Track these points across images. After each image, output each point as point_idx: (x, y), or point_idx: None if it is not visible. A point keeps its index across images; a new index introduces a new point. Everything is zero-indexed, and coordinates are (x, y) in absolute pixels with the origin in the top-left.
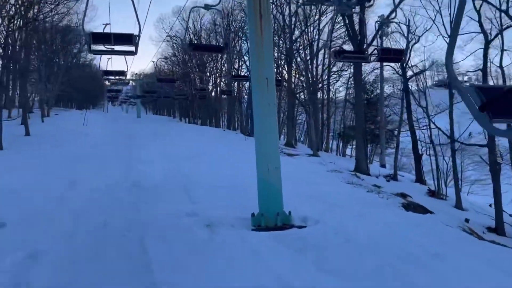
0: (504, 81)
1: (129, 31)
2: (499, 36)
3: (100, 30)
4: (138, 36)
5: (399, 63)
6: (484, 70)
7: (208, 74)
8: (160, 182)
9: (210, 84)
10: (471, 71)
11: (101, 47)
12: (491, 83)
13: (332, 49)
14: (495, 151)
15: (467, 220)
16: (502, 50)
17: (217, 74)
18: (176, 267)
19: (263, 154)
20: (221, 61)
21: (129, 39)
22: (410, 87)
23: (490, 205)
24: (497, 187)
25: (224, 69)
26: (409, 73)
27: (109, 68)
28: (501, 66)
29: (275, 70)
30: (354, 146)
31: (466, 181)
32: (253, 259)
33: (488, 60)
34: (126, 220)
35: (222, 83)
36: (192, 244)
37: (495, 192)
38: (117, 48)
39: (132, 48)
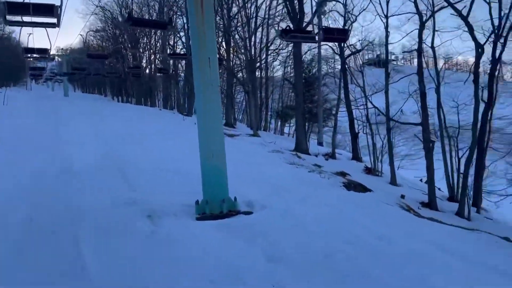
0: (435, 62)
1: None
2: (432, 17)
3: None
4: (60, 6)
5: (337, 43)
6: (419, 50)
7: (141, 50)
8: (93, 167)
9: (144, 61)
10: (407, 51)
11: (19, 18)
12: (425, 63)
13: (280, 28)
14: (429, 129)
15: (403, 196)
16: (434, 31)
17: (152, 51)
18: (115, 266)
19: (207, 138)
20: (155, 37)
21: (50, 10)
22: (347, 66)
23: (421, 180)
24: (430, 164)
25: (158, 45)
26: (347, 52)
27: (31, 44)
28: (432, 47)
29: None
30: (293, 125)
31: (397, 156)
32: (201, 253)
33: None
34: (55, 213)
35: (157, 60)
36: (132, 239)
37: (428, 168)
38: (36, 20)
39: (54, 20)
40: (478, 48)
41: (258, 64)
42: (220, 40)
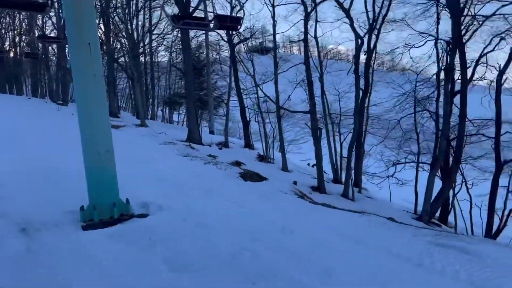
0: (318, 51)
1: None
2: (315, 9)
3: None
4: None
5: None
6: (305, 40)
7: (3, 31)
8: None
9: (7, 44)
10: (294, 41)
11: None
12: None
13: (172, 14)
14: (316, 117)
15: (295, 183)
16: (316, 22)
17: (16, 32)
18: None
19: (91, 135)
20: (19, 16)
21: None
22: (237, 53)
23: (308, 164)
24: (319, 150)
25: (24, 25)
26: (235, 40)
27: None
28: (315, 37)
29: None
30: (182, 113)
31: (284, 141)
32: (89, 270)
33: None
34: None
35: (23, 42)
36: (3, 261)
37: (317, 155)
38: None
39: None
40: (358, 39)
41: (141, 49)
42: (97, 22)
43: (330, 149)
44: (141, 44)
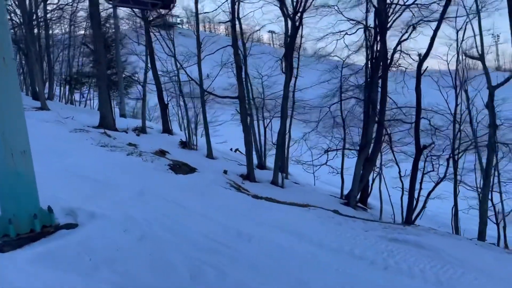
0: (242, 34)
1: None
2: None
3: None
4: None
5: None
6: (233, 22)
7: None
8: None
9: None
10: (223, 22)
11: None
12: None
13: None
14: (245, 103)
15: (225, 172)
16: (239, 2)
17: None
18: None
19: (2, 133)
20: None
21: None
22: (151, 31)
23: (231, 149)
24: (248, 137)
25: None
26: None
27: None
28: (238, 18)
29: None
30: (84, 92)
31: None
32: None
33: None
34: None
35: None
36: None
37: (246, 142)
38: None
39: None
40: (288, 20)
41: (35, 21)
42: None
43: (254, 134)
44: (36, 15)
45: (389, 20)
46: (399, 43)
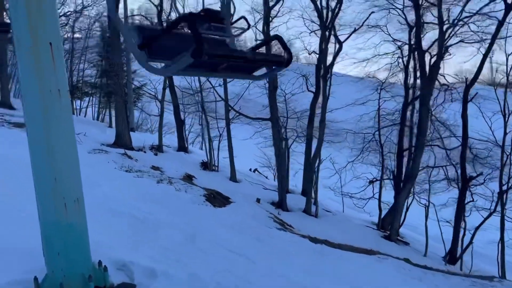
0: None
1: None
2: None
3: None
4: None
5: None
6: (267, 39)
7: None
8: None
9: None
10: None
11: None
12: None
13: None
14: (279, 125)
15: (258, 200)
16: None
17: None
18: None
19: (51, 177)
20: None
21: None
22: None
23: (250, 169)
24: (282, 164)
25: None
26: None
27: None
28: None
29: None
30: (84, 101)
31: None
32: None
33: None
34: None
35: None
36: None
37: (279, 168)
38: None
39: None
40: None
41: None
42: None
43: (276, 155)
44: None
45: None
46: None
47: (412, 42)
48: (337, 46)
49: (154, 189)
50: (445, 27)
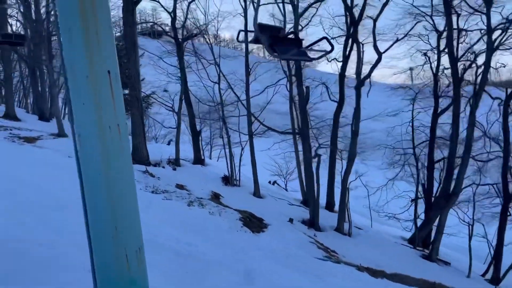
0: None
1: None
2: None
3: None
4: None
5: None
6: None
7: None
8: None
9: None
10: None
11: None
12: None
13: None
14: (309, 141)
15: (291, 220)
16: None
17: None
18: None
19: (112, 226)
20: None
21: None
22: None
23: (270, 182)
24: (312, 180)
25: None
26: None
27: None
28: None
29: None
30: None
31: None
32: None
33: None
34: None
35: None
36: None
37: (309, 185)
38: None
39: None
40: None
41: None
42: None
43: (298, 167)
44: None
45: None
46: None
47: (441, 49)
48: (363, 54)
49: (187, 214)
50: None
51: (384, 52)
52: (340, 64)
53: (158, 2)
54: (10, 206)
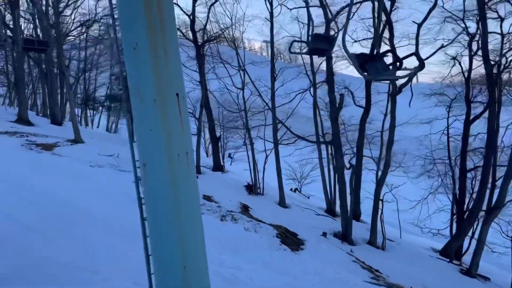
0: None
1: None
2: None
3: None
4: None
5: None
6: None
7: None
8: None
9: None
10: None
11: None
12: None
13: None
14: (341, 151)
15: (324, 234)
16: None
17: None
18: None
19: (180, 265)
20: None
21: None
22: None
23: (291, 189)
24: (343, 191)
25: None
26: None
27: None
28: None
29: None
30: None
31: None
32: None
33: None
34: None
35: None
36: None
37: (341, 195)
38: None
39: None
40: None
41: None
42: None
43: (322, 175)
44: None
45: None
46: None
47: (472, 53)
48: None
49: (222, 230)
50: None
51: (426, 59)
52: None
53: (177, 4)
54: (46, 223)
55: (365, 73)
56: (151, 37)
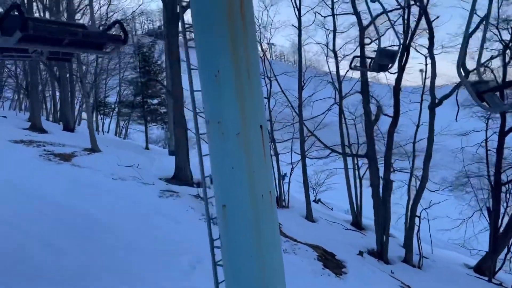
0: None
1: None
2: None
3: None
4: None
5: None
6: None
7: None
8: None
9: None
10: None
11: None
12: None
13: None
14: (377, 165)
15: (361, 253)
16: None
17: None
18: None
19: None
20: None
21: None
22: None
23: (314, 200)
24: (379, 207)
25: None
26: None
27: None
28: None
29: None
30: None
31: None
32: None
33: None
34: None
35: None
36: None
37: (376, 212)
38: None
39: None
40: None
41: None
42: None
43: (348, 187)
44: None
45: None
46: None
47: (506, 61)
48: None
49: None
50: None
51: (472, 71)
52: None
53: None
54: (82, 247)
55: (484, 103)
56: (234, 58)
